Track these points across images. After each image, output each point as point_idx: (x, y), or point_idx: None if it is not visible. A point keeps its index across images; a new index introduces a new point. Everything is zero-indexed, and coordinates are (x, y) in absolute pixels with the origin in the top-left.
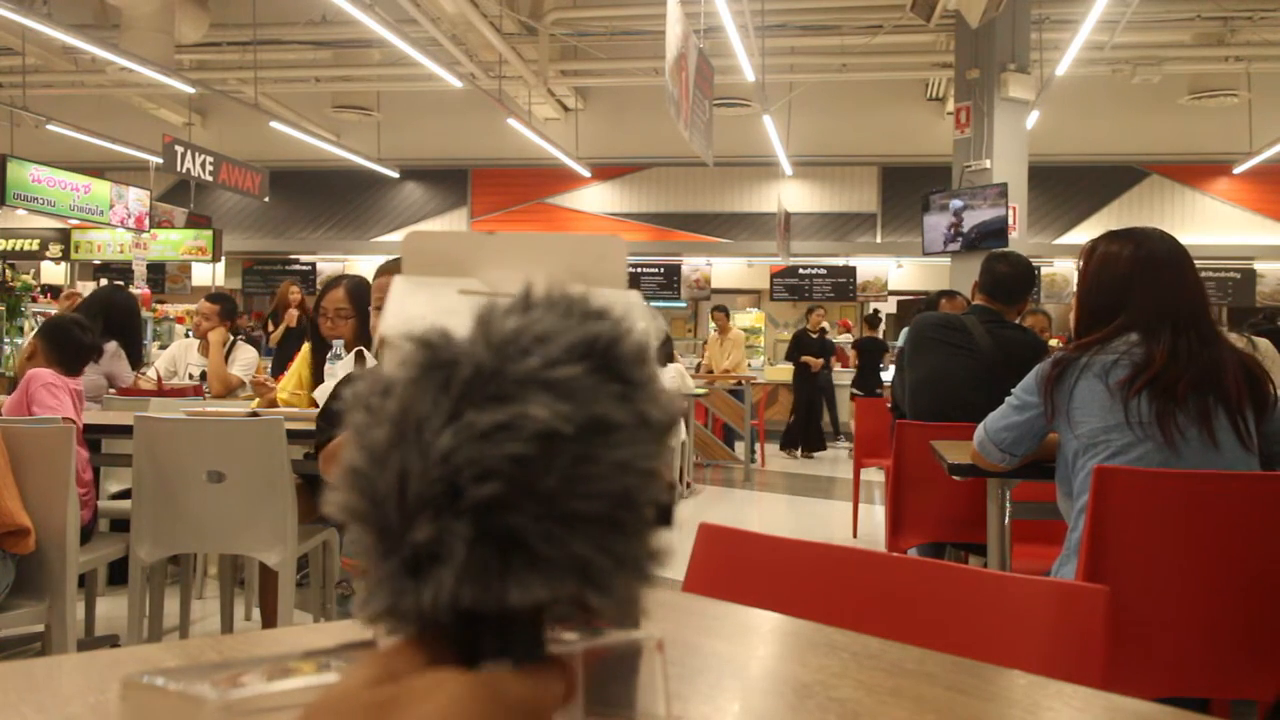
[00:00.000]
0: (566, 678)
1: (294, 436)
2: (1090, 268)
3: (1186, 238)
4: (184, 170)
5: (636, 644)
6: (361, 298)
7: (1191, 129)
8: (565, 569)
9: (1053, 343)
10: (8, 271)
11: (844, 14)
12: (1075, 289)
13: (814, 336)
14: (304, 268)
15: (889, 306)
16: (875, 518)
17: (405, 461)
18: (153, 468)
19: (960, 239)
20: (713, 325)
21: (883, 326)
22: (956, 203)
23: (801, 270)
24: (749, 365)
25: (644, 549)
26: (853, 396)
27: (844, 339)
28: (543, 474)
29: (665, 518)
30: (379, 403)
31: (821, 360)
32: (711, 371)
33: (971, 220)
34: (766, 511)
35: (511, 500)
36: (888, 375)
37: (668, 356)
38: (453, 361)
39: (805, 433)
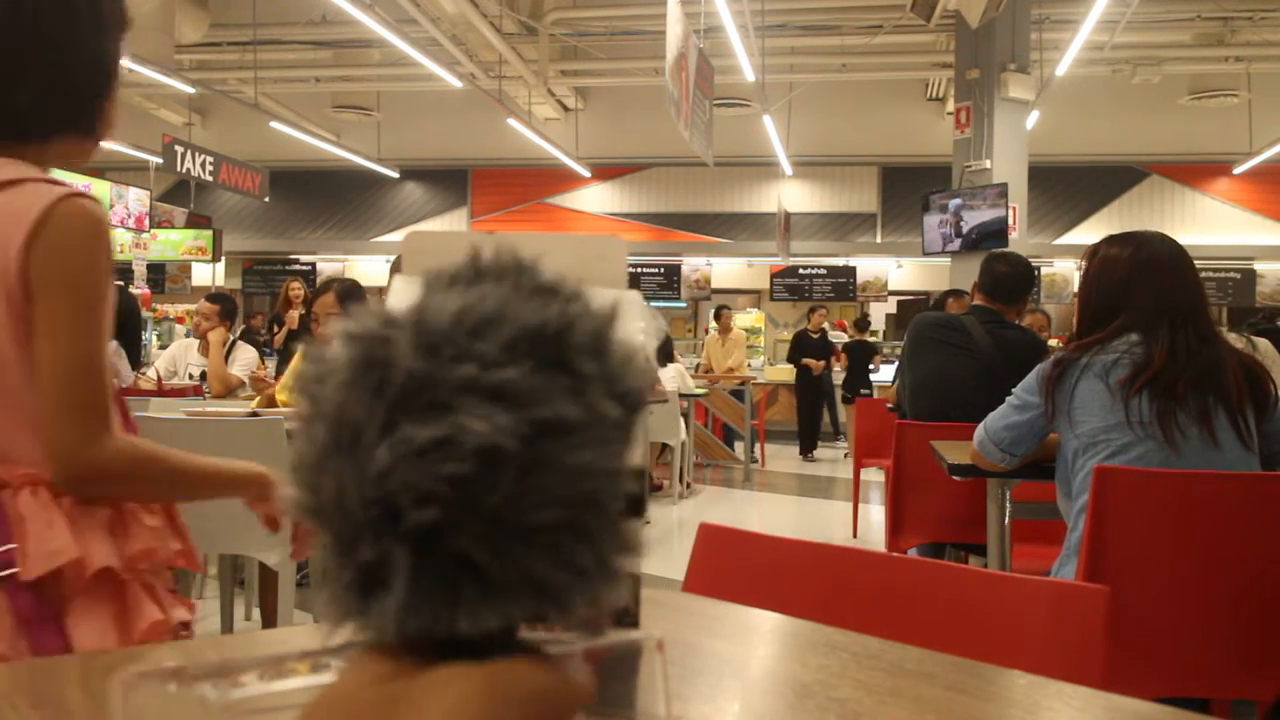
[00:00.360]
0: (583, 674)
1: (294, 437)
2: (1091, 271)
3: (1186, 238)
4: (184, 170)
5: (636, 644)
6: (352, 301)
7: (1191, 129)
8: (520, 590)
9: (1052, 343)
10: None
11: (844, 14)
12: (1077, 292)
13: (814, 337)
14: (304, 268)
15: (889, 306)
16: (875, 518)
17: (343, 473)
18: None
19: (960, 239)
20: (713, 325)
21: (873, 329)
22: (956, 203)
23: (801, 270)
24: (749, 365)
25: (612, 549)
26: (842, 399)
27: (838, 337)
28: (487, 493)
29: (635, 508)
30: (318, 391)
31: (823, 363)
32: (710, 371)
33: (971, 220)
34: (766, 511)
35: (455, 522)
36: (876, 376)
37: (668, 356)
38: (386, 362)
39: (805, 433)
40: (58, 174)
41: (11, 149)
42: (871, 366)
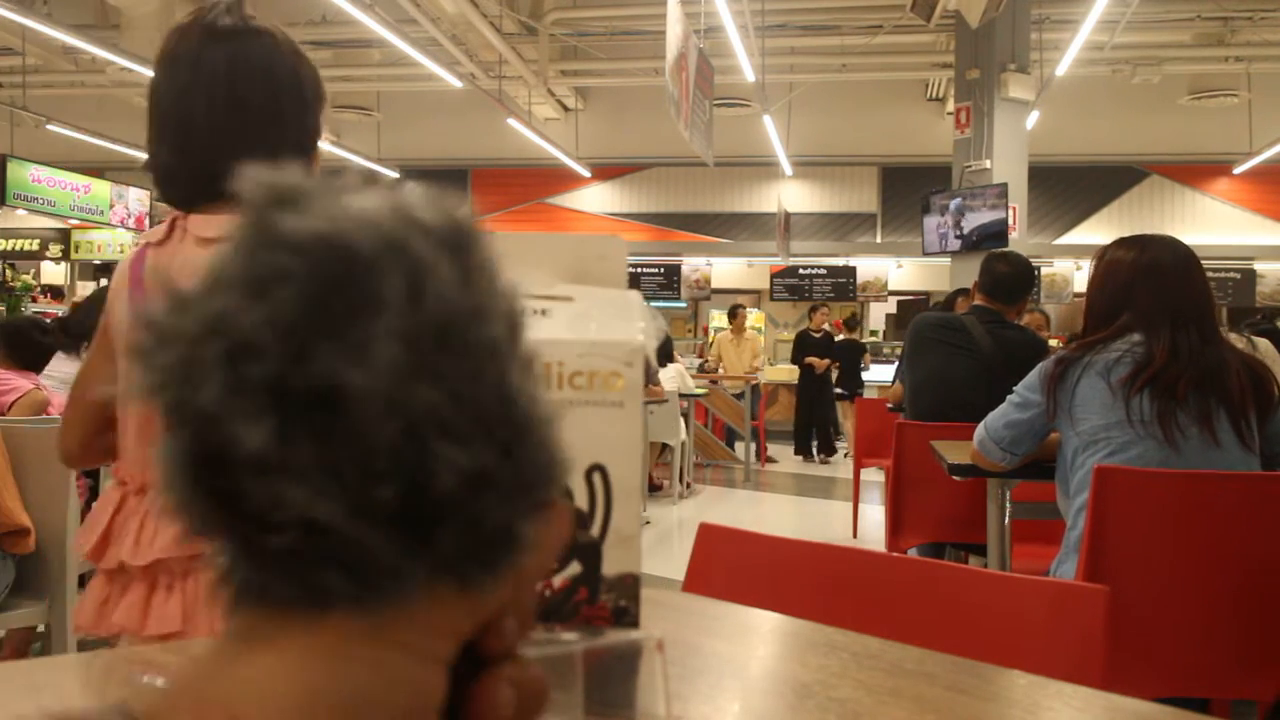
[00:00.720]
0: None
1: None
2: (1097, 273)
3: (1186, 238)
4: None
5: (636, 644)
6: None
7: (1191, 129)
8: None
9: (1052, 342)
10: (8, 271)
11: (844, 14)
12: (1084, 294)
13: (816, 336)
14: None
15: (889, 306)
16: (875, 518)
17: None
18: None
19: (960, 239)
20: (719, 324)
21: (872, 329)
22: (956, 203)
23: (801, 270)
24: None
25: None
26: (836, 398)
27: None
28: None
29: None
30: None
31: (827, 360)
32: (719, 370)
33: (971, 221)
34: (766, 511)
35: None
36: (869, 375)
37: (667, 356)
38: None
39: (814, 436)
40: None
41: None
42: (862, 365)
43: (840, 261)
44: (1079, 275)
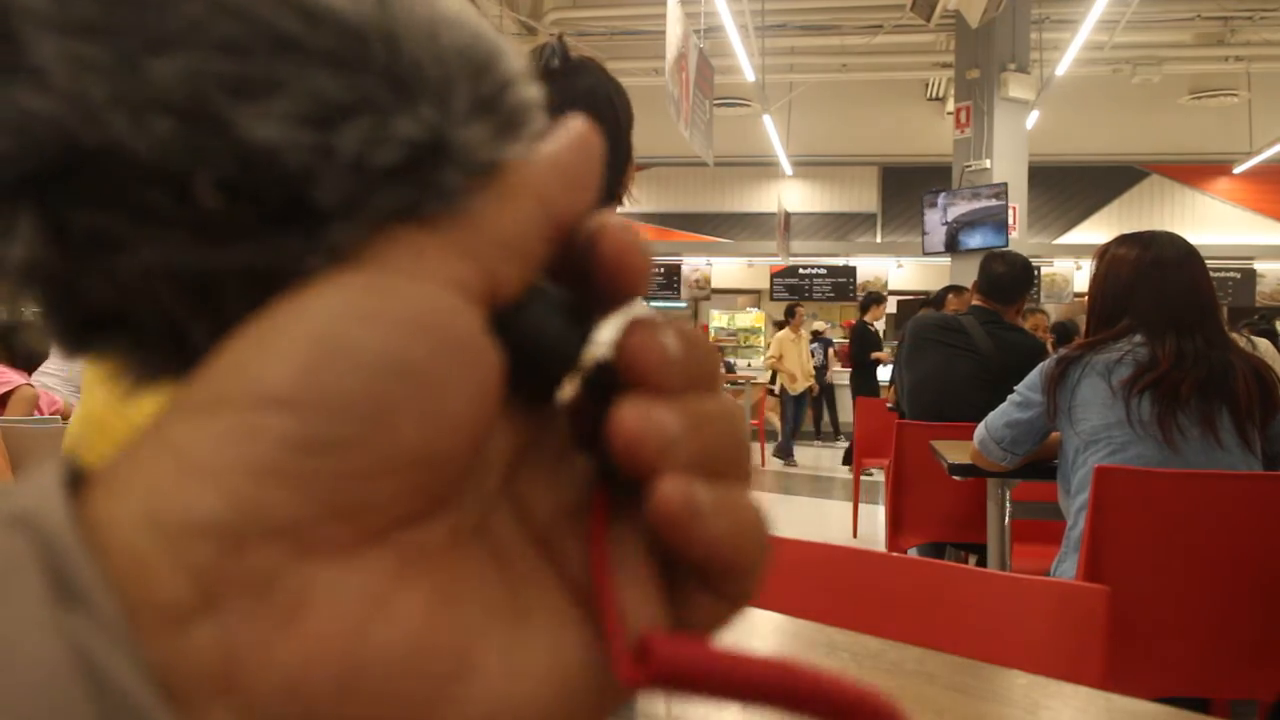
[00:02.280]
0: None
1: None
2: (1099, 272)
3: (1186, 237)
4: None
5: None
6: None
7: (1191, 129)
8: None
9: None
10: None
11: (844, 14)
12: (1086, 292)
13: (872, 331)
14: None
15: (889, 306)
16: (875, 518)
17: None
18: None
19: (960, 239)
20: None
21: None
22: (956, 202)
23: (801, 270)
24: (749, 365)
25: None
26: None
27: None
28: None
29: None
30: None
31: (887, 353)
32: (780, 361)
33: (971, 220)
34: (766, 511)
35: None
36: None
37: None
38: None
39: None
40: None
41: None
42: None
43: (840, 261)
44: (1079, 275)
